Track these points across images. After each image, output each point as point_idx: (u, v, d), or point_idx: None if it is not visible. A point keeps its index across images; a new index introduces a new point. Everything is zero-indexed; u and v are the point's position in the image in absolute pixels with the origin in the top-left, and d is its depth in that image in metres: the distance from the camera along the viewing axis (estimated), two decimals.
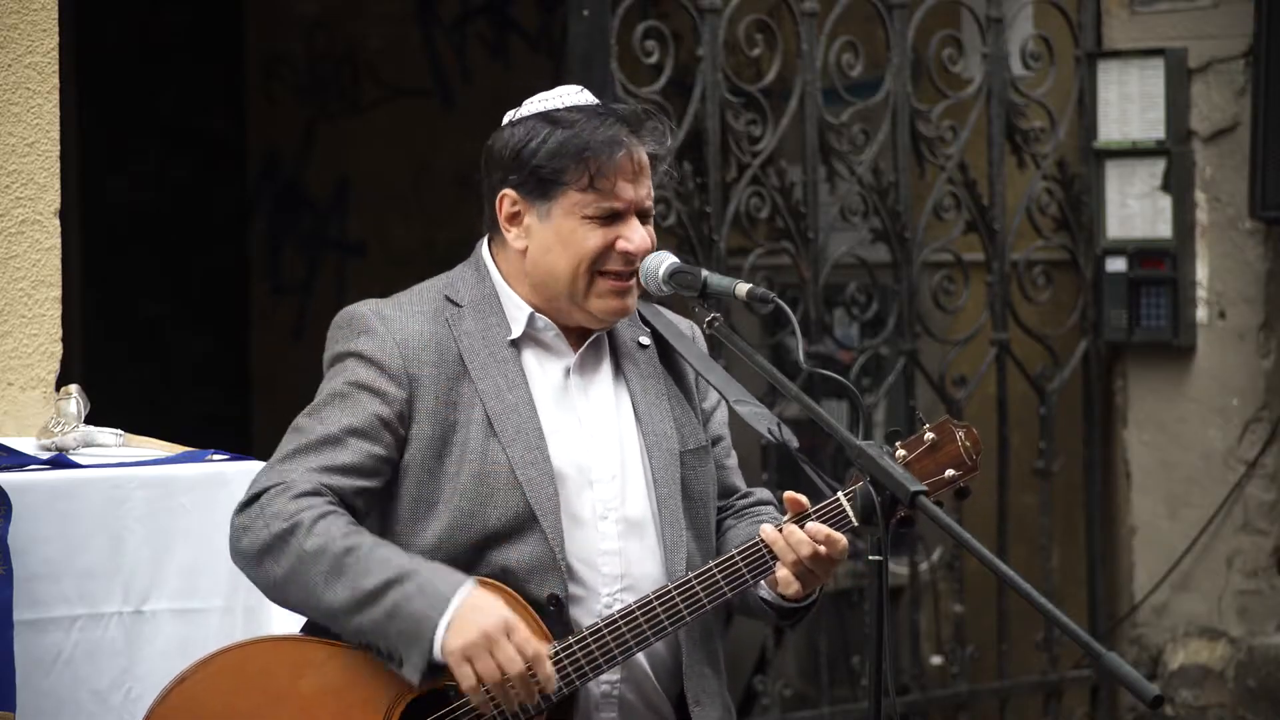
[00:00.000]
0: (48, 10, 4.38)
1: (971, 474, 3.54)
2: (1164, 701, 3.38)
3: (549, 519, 3.49)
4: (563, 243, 3.54)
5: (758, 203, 6.10)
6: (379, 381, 3.50)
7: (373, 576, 3.35)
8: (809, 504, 3.50)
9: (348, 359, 3.53)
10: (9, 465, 3.87)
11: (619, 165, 3.52)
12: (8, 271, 4.32)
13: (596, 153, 3.51)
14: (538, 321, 3.60)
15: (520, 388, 3.55)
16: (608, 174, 3.52)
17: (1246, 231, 6.59)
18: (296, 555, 3.39)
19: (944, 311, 6.57)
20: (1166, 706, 6.64)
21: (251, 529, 3.44)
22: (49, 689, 3.78)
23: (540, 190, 3.54)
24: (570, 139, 3.52)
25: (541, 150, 3.53)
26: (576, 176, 3.52)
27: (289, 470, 3.46)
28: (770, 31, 6.08)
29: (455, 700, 3.43)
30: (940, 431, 3.54)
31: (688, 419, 3.68)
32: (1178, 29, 6.71)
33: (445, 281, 3.64)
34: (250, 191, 9.89)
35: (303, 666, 3.45)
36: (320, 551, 3.38)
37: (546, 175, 3.53)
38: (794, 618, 3.64)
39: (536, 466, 3.51)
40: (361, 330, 3.54)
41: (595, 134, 3.52)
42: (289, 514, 3.40)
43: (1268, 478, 6.60)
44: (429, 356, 3.53)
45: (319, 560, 3.38)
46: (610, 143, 3.52)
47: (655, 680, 3.58)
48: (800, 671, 6.78)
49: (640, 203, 3.56)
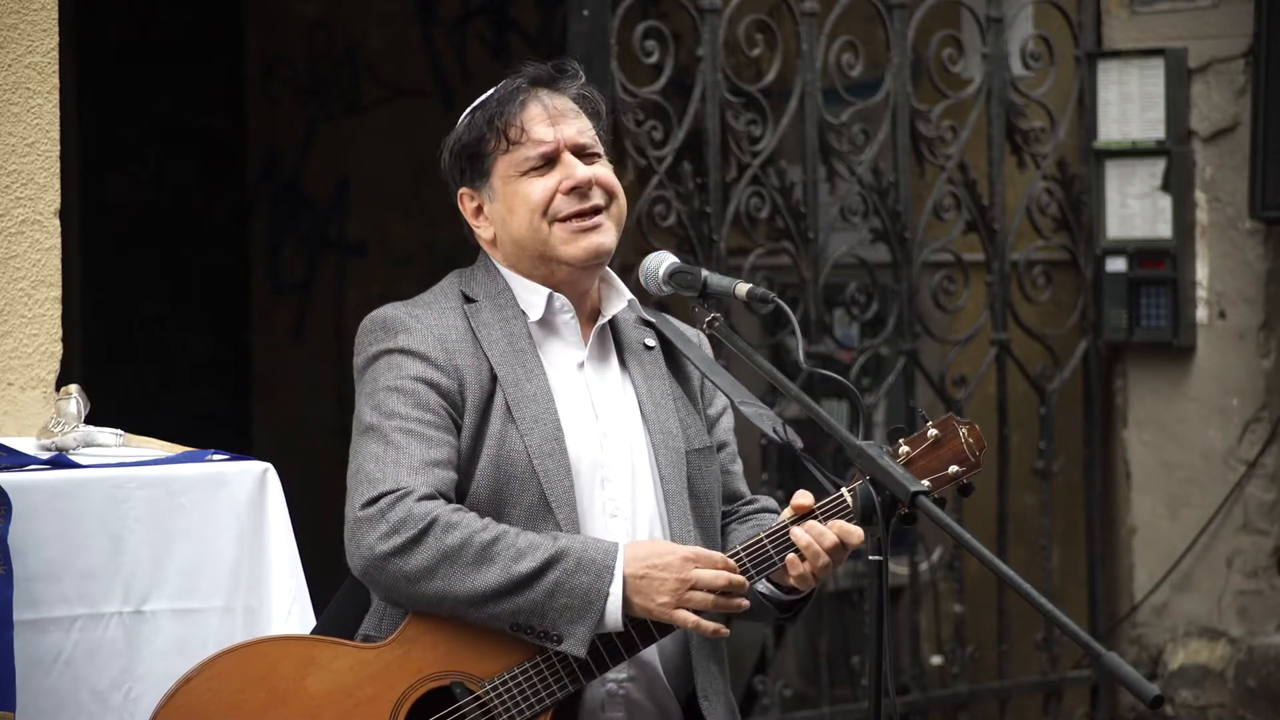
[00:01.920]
0: (48, 10, 4.38)
1: (974, 470, 3.56)
2: (1164, 701, 3.38)
3: (564, 511, 3.52)
4: (510, 209, 3.61)
5: (758, 203, 6.10)
6: (431, 373, 3.53)
7: (526, 560, 3.41)
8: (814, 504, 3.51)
9: (392, 355, 3.56)
10: (9, 465, 3.87)
11: (529, 113, 3.60)
12: (8, 271, 4.32)
13: (502, 110, 3.59)
14: (556, 301, 3.62)
15: (539, 378, 3.58)
16: (516, 124, 3.59)
17: (1246, 231, 6.59)
18: (438, 550, 3.42)
19: (944, 311, 6.57)
20: (1166, 706, 6.64)
21: (383, 533, 3.43)
22: (49, 689, 3.78)
23: (478, 171, 3.63)
24: (482, 110, 3.62)
25: (465, 136, 3.64)
26: (495, 141, 3.60)
27: (397, 475, 3.46)
28: (770, 31, 6.08)
29: (461, 698, 3.43)
30: (943, 428, 3.56)
31: (693, 420, 3.69)
32: (1178, 29, 6.71)
33: (459, 279, 3.68)
34: (250, 191, 9.89)
35: (308, 666, 3.46)
36: (465, 544, 3.42)
37: (474, 153, 3.62)
38: (793, 610, 3.65)
39: (554, 458, 3.53)
40: (399, 329, 3.57)
41: (499, 98, 3.61)
42: (420, 516, 3.43)
43: (1268, 478, 6.60)
44: (467, 348, 3.57)
45: (464, 551, 3.42)
46: (509, 97, 3.60)
47: (665, 678, 3.59)
48: (800, 671, 6.78)
49: (571, 140, 3.61)
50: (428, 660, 3.46)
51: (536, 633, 3.43)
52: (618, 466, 3.59)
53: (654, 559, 3.44)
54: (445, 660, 3.46)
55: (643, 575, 3.43)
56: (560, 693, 3.46)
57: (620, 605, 3.42)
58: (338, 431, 8.77)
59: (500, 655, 3.46)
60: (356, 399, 3.61)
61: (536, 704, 3.45)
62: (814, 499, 3.53)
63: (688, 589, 3.43)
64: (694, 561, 3.44)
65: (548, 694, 3.46)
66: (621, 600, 3.42)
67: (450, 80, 9.07)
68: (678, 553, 3.45)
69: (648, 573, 3.43)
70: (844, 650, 6.44)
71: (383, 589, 3.49)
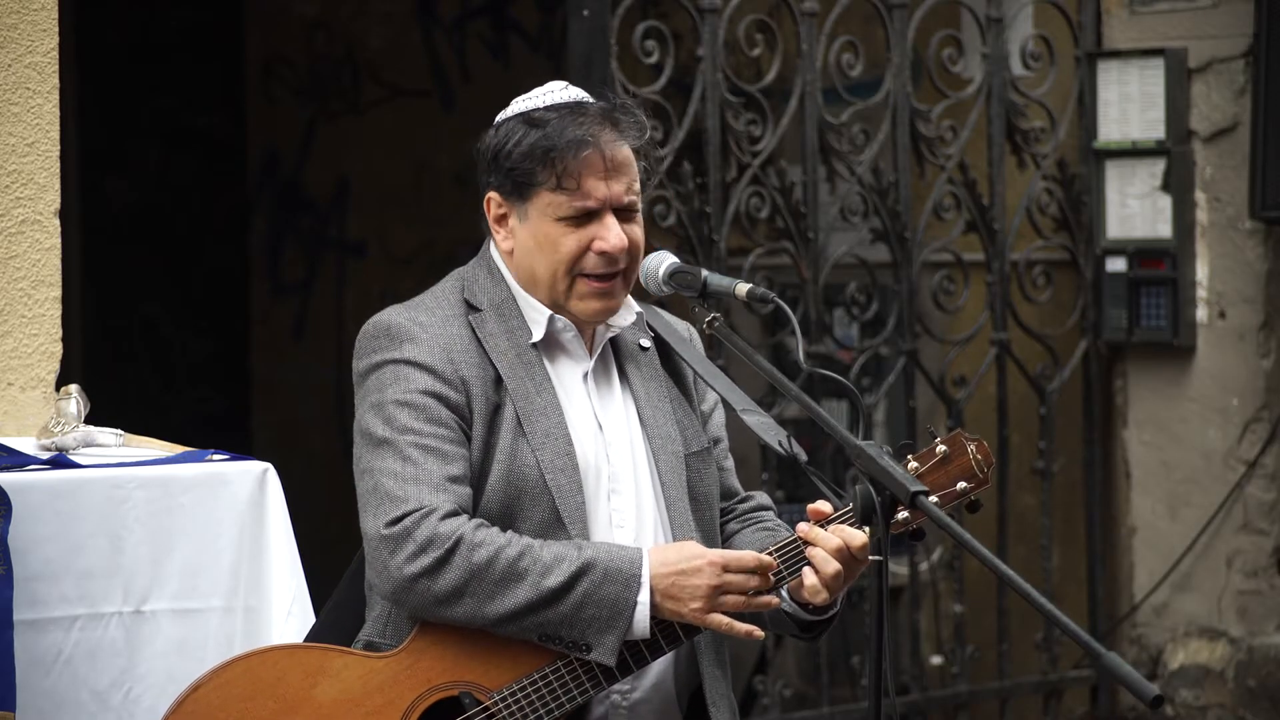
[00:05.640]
0: (48, 10, 4.39)
1: (982, 487, 3.57)
2: (1164, 701, 3.37)
3: (576, 526, 3.50)
4: (539, 246, 3.55)
5: (758, 203, 6.10)
6: (440, 387, 3.50)
7: (554, 575, 3.41)
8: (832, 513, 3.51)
9: (399, 367, 3.51)
10: (9, 465, 3.87)
11: (587, 163, 3.51)
12: (8, 271, 4.32)
13: (563, 153, 3.50)
14: (557, 322, 3.59)
15: (548, 391, 3.55)
16: (574, 173, 3.50)
17: (1246, 231, 6.59)
18: (466, 569, 3.40)
19: (944, 311, 6.57)
20: (1166, 706, 6.64)
21: (410, 554, 3.41)
22: (49, 689, 3.78)
23: (517, 192, 3.55)
24: (540, 140, 3.52)
25: (515, 152, 3.54)
26: (546, 178, 3.51)
27: (419, 494, 3.44)
28: (770, 31, 6.08)
29: (470, 708, 3.43)
30: (952, 444, 3.56)
31: (690, 421, 3.68)
32: (1178, 29, 6.71)
33: (460, 283, 3.63)
34: (250, 191, 9.89)
35: (317, 675, 3.44)
36: (492, 561, 3.41)
37: (520, 178, 3.53)
38: (815, 630, 3.65)
39: (566, 474, 3.51)
40: (404, 339, 3.53)
41: (563, 134, 3.51)
42: (446, 535, 3.41)
43: (1268, 478, 6.60)
44: (472, 359, 3.53)
45: (492, 569, 3.40)
46: (577, 143, 3.50)
47: (672, 681, 3.58)
48: (800, 671, 6.78)
49: (616, 199, 3.53)
50: (436, 670, 3.45)
51: (565, 642, 3.43)
52: (623, 478, 3.58)
53: (683, 564, 3.43)
54: (454, 670, 3.45)
55: (672, 583, 3.42)
56: (569, 703, 3.45)
57: (648, 614, 3.42)
58: (338, 432, 8.79)
59: (510, 666, 3.45)
60: (358, 406, 3.57)
61: (545, 714, 3.44)
62: (832, 509, 3.52)
63: (720, 595, 3.43)
64: (724, 567, 3.43)
65: (556, 705, 3.44)
66: (649, 607, 3.42)
67: (450, 80, 9.06)
68: (707, 557, 3.44)
69: (676, 580, 3.42)
70: (844, 650, 6.44)
71: (411, 609, 3.47)
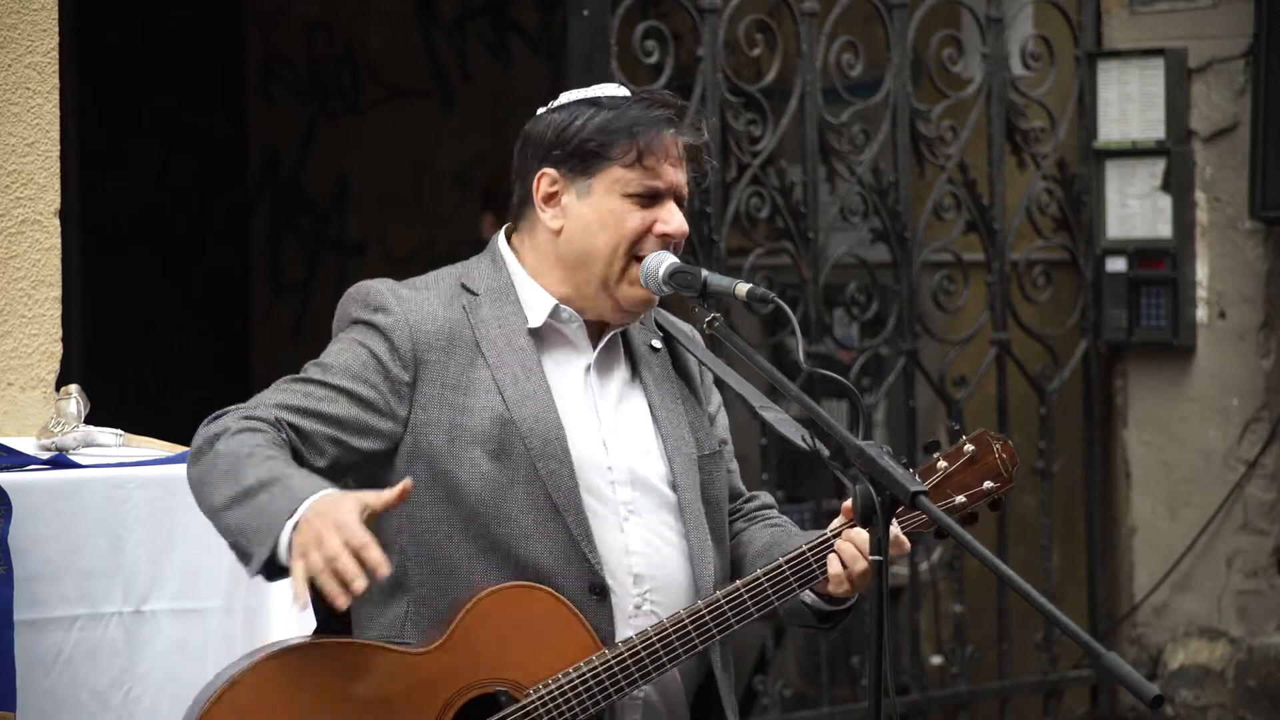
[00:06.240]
0: (48, 10, 4.39)
1: (1008, 486, 3.58)
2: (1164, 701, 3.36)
3: (571, 513, 3.48)
4: (601, 222, 3.55)
5: (758, 203, 6.10)
6: (387, 356, 3.49)
7: (251, 476, 3.32)
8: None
9: (361, 326, 3.53)
10: (9, 465, 3.87)
11: (666, 145, 3.55)
12: (8, 271, 4.32)
13: (646, 128, 3.54)
14: (562, 313, 3.58)
15: (537, 377, 3.54)
16: (655, 151, 3.54)
17: (1246, 231, 6.59)
18: (210, 458, 3.37)
19: (944, 311, 6.57)
20: (1166, 706, 6.64)
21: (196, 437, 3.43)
22: (49, 689, 3.78)
23: (583, 166, 3.55)
24: (619, 116, 3.55)
25: (589, 126, 3.55)
26: (624, 151, 3.53)
27: (261, 399, 3.45)
28: (770, 31, 6.08)
29: (507, 705, 3.42)
30: (978, 443, 3.57)
31: (701, 424, 3.68)
32: (1178, 29, 6.71)
33: (460, 270, 3.64)
34: (250, 191, 9.90)
35: (354, 671, 3.42)
36: (226, 455, 3.35)
37: (593, 149, 3.54)
38: (834, 620, 3.64)
39: (556, 459, 3.49)
40: (377, 306, 3.54)
41: (645, 113, 3.56)
42: (224, 427, 3.39)
43: (1268, 478, 6.60)
44: (439, 342, 3.52)
45: (220, 461, 3.36)
46: (660, 121, 3.55)
47: (680, 680, 3.58)
48: (800, 671, 6.78)
49: (679, 188, 3.58)
50: (473, 667, 3.43)
51: (239, 550, 3.34)
52: (625, 471, 3.55)
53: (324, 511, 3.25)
54: (490, 667, 3.43)
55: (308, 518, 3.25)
56: (604, 700, 3.43)
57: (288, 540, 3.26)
58: None
59: (546, 662, 3.43)
60: None
61: (581, 712, 3.42)
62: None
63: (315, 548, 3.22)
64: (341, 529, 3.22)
65: (591, 702, 3.42)
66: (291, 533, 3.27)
67: (450, 80, 9.06)
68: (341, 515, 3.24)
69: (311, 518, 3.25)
70: (844, 650, 6.44)
71: None
